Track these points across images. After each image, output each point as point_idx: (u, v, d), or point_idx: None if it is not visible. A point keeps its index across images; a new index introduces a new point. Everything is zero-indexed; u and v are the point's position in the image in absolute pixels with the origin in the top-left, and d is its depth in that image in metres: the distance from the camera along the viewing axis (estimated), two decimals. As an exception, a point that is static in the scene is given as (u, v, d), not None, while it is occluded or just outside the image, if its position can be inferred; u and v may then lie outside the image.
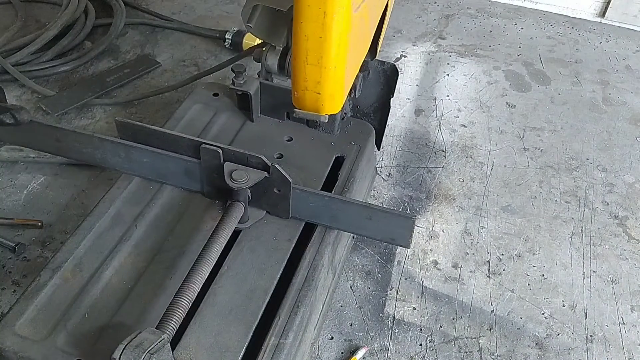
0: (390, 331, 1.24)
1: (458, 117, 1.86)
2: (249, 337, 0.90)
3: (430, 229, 1.47)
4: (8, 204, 1.42)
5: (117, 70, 1.89)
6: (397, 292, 1.32)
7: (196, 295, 0.89)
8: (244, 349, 0.89)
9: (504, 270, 1.39)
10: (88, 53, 1.92)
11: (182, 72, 1.94)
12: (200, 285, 0.90)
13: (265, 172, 1.03)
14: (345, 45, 0.84)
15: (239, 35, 1.99)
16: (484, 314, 1.29)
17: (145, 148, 1.10)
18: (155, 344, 0.75)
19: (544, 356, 1.22)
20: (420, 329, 1.25)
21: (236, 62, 1.33)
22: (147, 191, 1.13)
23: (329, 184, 1.20)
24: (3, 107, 1.07)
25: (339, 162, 1.25)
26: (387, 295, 1.31)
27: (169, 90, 1.76)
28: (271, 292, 0.97)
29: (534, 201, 1.58)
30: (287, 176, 1.02)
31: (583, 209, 1.57)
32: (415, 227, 1.42)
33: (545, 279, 1.38)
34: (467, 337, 1.24)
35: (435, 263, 1.39)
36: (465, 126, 1.82)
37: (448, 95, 1.94)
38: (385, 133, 1.45)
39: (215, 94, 1.37)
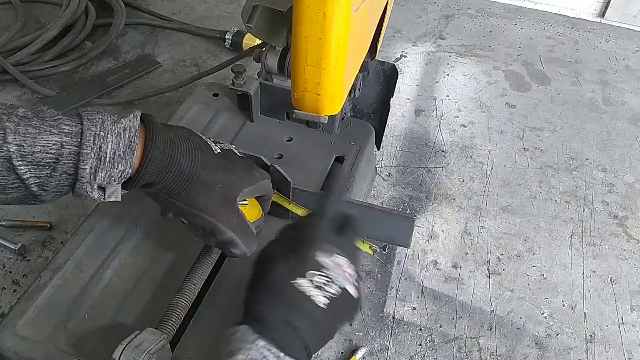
0: (390, 331, 1.24)
1: (458, 117, 1.86)
2: (249, 337, 0.90)
3: (430, 229, 1.47)
4: (8, 204, 1.42)
5: (118, 70, 1.89)
6: (397, 292, 1.32)
7: (196, 295, 0.89)
8: (244, 349, 0.89)
9: (503, 270, 1.39)
10: (88, 53, 1.92)
11: (182, 72, 1.94)
12: (200, 285, 0.90)
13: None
14: (344, 46, 0.84)
15: (239, 35, 1.99)
16: (483, 314, 1.29)
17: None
18: (155, 344, 0.75)
19: (544, 356, 1.23)
20: (420, 329, 1.25)
21: (236, 63, 1.33)
22: (147, 191, 1.13)
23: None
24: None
25: (338, 162, 1.25)
26: (387, 295, 1.31)
27: (169, 91, 1.77)
28: (271, 292, 0.97)
29: (533, 201, 1.58)
30: (287, 176, 1.02)
31: (583, 209, 1.57)
32: (415, 227, 1.42)
33: (544, 278, 1.38)
34: (466, 337, 1.24)
35: (435, 263, 1.39)
36: (465, 126, 1.82)
37: (448, 95, 1.95)
38: (385, 133, 1.45)
39: (215, 94, 1.37)
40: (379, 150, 1.50)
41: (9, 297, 1.23)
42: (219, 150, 0.82)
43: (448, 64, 2.11)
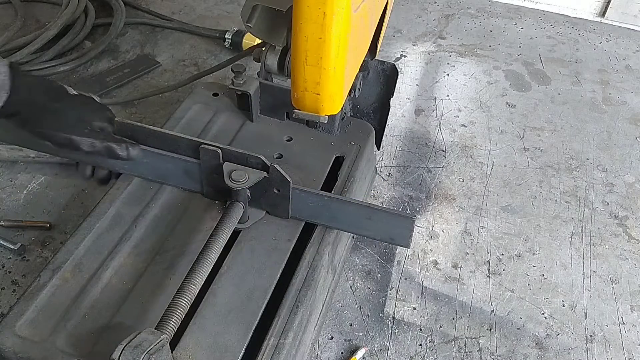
0: (390, 331, 1.24)
1: (458, 116, 1.86)
2: (249, 337, 0.90)
3: (430, 229, 1.47)
4: (8, 204, 1.42)
5: (117, 70, 1.89)
6: (397, 292, 1.32)
7: (196, 295, 0.89)
8: (244, 349, 0.89)
9: (503, 270, 1.39)
10: (88, 53, 1.92)
11: (182, 72, 1.94)
12: (200, 286, 0.90)
13: (265, 172, 1.03)
14: (344, 45, 0.84)
15: (239, 35, 1.99)
16: (483, 314, 1.29)
17: (145, 148, 1.10)
18: (155, 344, 0.75)
19: (544, 356, 1.22)
20: (420, 329, 1.25)
21: (236, 62, 1.33)
22: (146, 191, 1.13)
23: (328, 184, 1.20)
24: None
25: (338, 162, 1.25)
26: (387, 295, 1.31)
27: (168, 90, 1.76)
28: (271, 292, 0.97)
29: (534, 201, 1.58)
30: (287, 176, 1.02)
31: (583, 209, 1.57)
32: (415, 227, 1.42)
33: (545, 278, 1.38)
34: (467, 337, 1.24)
35: (435, 263, 1.39)
36: (465, 126, 1.82)
37: (448, 95, 1.94)
38: (385, 133, 1.45)
39: (215, 94, 1.37)
40: (379, 150, 1.50)
41: (9, 297, 1.23)
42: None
43: (448, 63, 2.11)
